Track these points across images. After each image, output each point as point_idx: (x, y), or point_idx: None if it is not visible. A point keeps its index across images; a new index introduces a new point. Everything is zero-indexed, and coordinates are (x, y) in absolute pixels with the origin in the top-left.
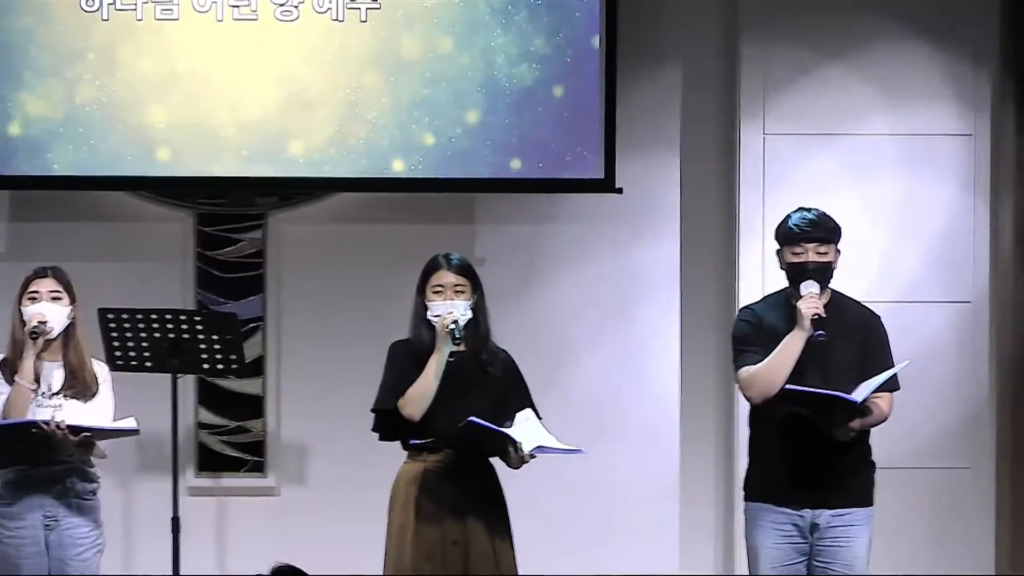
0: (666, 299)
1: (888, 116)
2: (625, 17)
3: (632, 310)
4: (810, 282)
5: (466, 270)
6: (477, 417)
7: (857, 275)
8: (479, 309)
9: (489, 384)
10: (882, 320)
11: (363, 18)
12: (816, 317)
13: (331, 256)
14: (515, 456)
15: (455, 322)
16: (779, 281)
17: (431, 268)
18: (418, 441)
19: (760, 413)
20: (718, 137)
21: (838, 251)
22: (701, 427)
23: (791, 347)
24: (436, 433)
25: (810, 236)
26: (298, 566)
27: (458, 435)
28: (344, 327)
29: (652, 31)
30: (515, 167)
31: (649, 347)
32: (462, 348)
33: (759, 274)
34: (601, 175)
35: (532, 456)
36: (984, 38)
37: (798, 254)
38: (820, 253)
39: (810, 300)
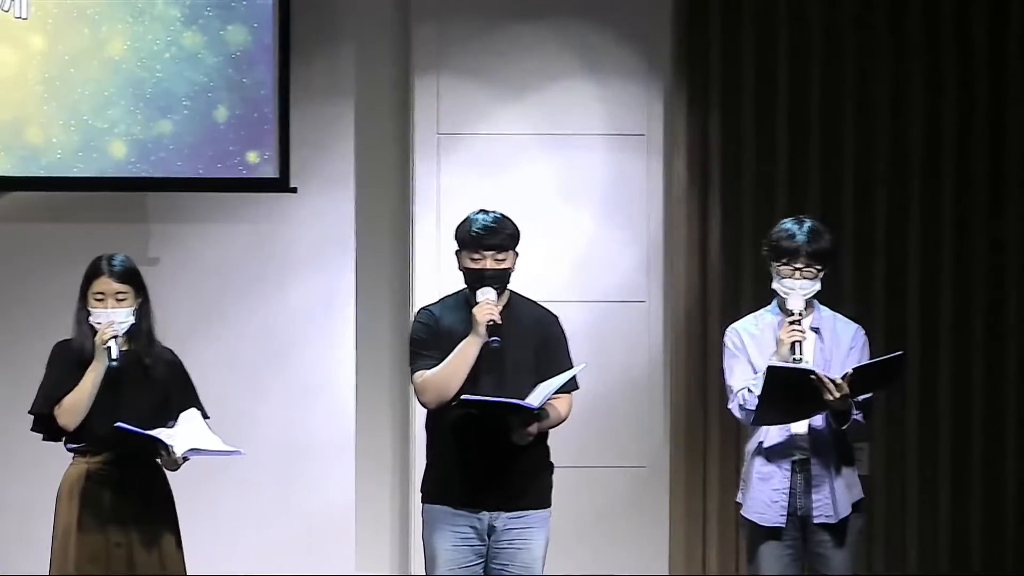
0: (341, 299)
1: (563, 115)
2: (297, 16)
3: (307, 309)
4: (487, 288)
5: (128, 276)
6: (139, 418)
7: (536, 275)
8: (143, 312)
9: (151, 386)
10: (560, 321)
11: (41, 14)
12: (491, 323)
13: None
14: (167, 458)
15: (113, 337)
16: (454, 281)
17: (93, 273)
18: (74, 445)
19: (437, 416)
20: (393, 137)
21: (516, 254)
22: (377, 427)
23: (465, 353)
24: (92, 436)
25: (489, 243)
26: None
27: (110, 439)
28: (7, 328)
29: (325, 30)
30: (189, 167)
31: (324, 347)
32: (126, 348)
33: (434, 274)
34: (276, 175)
35: (185, 458)
36: (657, 38)
37: (476, 260)
38: (498, 260)
39: (485, 306)
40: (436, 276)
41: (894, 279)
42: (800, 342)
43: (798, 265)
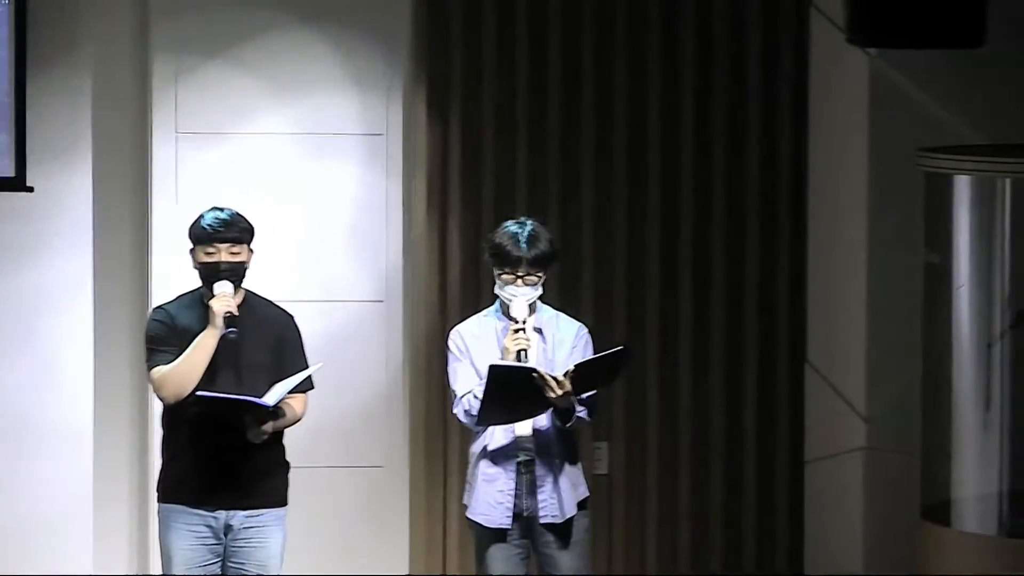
0: (79, 299)
1: (303, 114)
2: (35, 10)
3: (44, 310)
4: (223, 282)
5: None
6: None
7: (273, 275)
8: None
9: None
10: (296, 320)
11: None
12: (228, 315)
13: None
14: None
15: None
16: (192, 281)
17: None
18: None
19: (173, 413)
20: (130, 135)
21: (251, 251)
22: (115, 427)
23: (204, 346)
24: None
25: (223, 236)
26: None
27: None
28: None
29: (62, 25)
30: None
31: (62, 347)
32: None
33: (172, 273)
34: (11, 173)
35: None
36: (395, 37)
37: (211, 254)
38: (233, 253)
39: (223, 298)
40: (174, 277)
41: (634, 278)
42: (526, 350)
43: (520, 273)
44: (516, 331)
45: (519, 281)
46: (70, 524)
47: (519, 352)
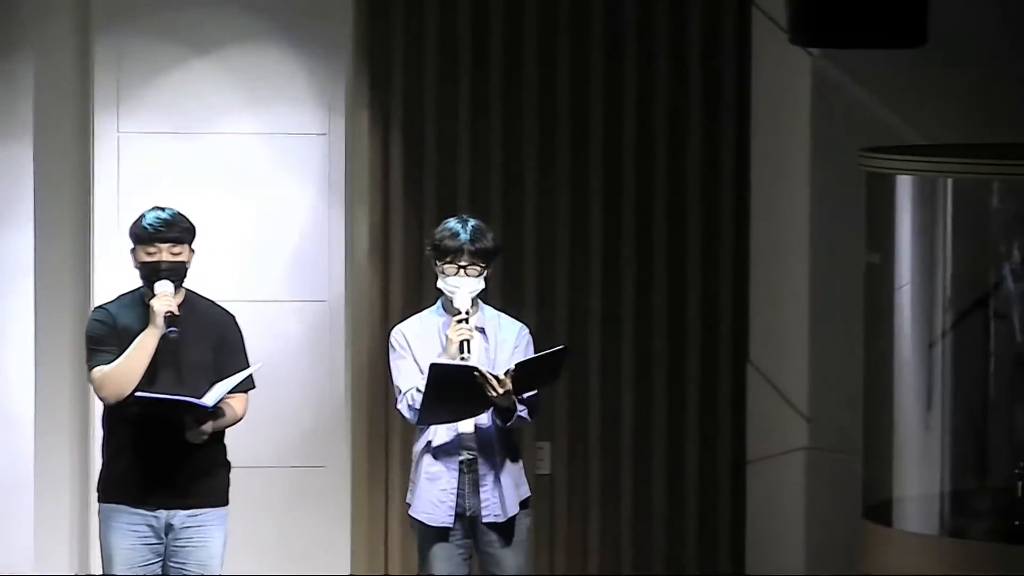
0: (20, 297)
1: (244, 115)
2: None
3: None
4: (164, 282)
5: None
6: None
7: (215, 274)
8: None
9: None
10: (237, 320)
11: None
12: (169, 315)
13: None
14: None
15: None
16: (134, 280)
17: None
18: None
19: (113, 413)
20: (72, 134)
21: (192, 251)
22: (56, 426)
23: (144, 345)
24: None
25: (164, 236)
26: None
27: None
28: None
29: (5, 25)
30: None
31: (2, 345)
32: None
33: (114, 273)
34: None
35: None
36: (338, 37)
37: (152, 254)
38: (174, 253)
39: (163, 297)
40: (115, 276)
41: (576, 279)
42: (468, 340)
43: (462, 263)
44: (459, 321)
45: (461, 272)
46: (10, 518)
47: (462, 343)
